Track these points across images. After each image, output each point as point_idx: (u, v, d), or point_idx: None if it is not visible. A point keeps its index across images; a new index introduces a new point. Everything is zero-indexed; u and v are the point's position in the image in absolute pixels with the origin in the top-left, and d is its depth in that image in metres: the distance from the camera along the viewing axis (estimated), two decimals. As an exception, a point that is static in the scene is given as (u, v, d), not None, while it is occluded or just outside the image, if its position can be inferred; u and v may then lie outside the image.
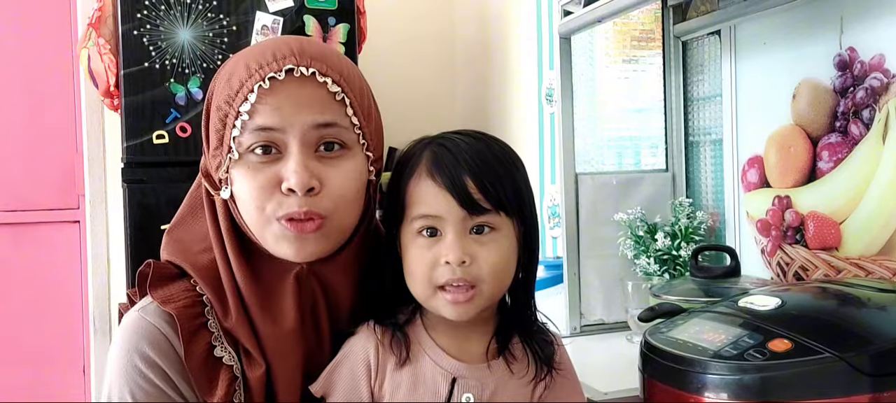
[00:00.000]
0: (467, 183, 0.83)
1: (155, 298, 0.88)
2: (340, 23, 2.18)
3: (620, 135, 1.80)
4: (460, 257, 0.82)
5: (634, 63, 1.77)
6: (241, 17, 2.08)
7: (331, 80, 0.85)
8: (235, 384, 0.87)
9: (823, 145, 1.36)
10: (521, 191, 0.87)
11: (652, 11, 1.72)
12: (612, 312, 1.63)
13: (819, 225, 1.37)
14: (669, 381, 0.84)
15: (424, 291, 0.85)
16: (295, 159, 0.83)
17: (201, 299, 0.89)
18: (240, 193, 0.86)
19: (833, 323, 0.85)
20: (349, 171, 0.87)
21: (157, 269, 0.91)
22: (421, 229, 0.85)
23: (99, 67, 2.06)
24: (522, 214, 0.87)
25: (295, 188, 0.82)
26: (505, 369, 0.88)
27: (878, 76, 1.25)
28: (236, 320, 0.88)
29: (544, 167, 2.28)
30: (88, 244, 2.68)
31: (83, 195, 2.69)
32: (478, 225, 0.84)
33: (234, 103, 0.84)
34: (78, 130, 2.72)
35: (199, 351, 0.86)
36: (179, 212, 0.96)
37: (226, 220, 0.89)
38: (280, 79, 0.83)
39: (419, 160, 0.86)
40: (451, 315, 0.84)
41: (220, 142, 0.86)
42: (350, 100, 0.86)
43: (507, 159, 0.88)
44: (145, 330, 0.87)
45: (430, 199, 0.84)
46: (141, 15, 2.01)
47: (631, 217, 1.60)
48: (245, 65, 0.85)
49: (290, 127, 0.83)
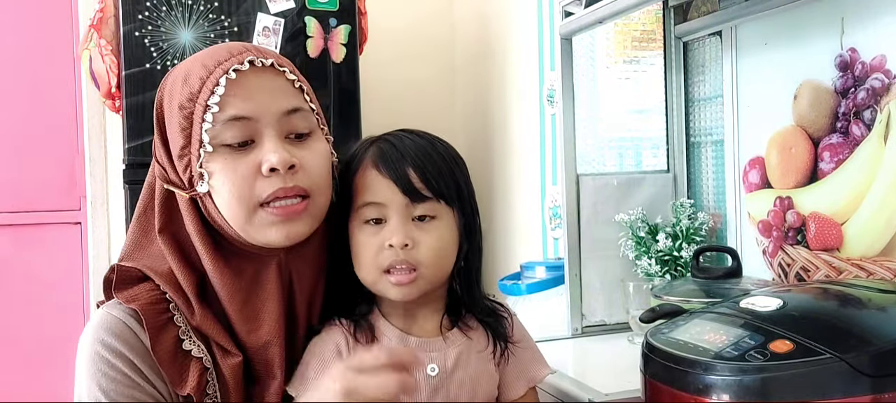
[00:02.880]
0: (410, 173, 0.91)
1: (120, 298, 0.90)
2: (341, 24, 2.18)
3: (621, 135, 1.80)
4: (403, 240, 0.89)
5: (635, 64, 1.77)
6: (242, 18, 2.09)
7: (287, 69, 0.91)
8: (207, 375, 0.89)
9: (824, 146, 1.36)
10: (460, 185, 0.95)
11: (653, 12, 1.72)
12: (613, 313, 1.63)
13: (820, 226, 1.37)
14: (671, 382, 0.84)
15: (371, 274, 0.92)
16: (272, 142, 0.87)
17: (165, 297, 0.91)
18: (218, 186, 0.87)
19: (834, 324, 0.85)
20: (319, 152, 0.92)
21: (121, 273, 0.92)
22: (367, 218, 0.92)
23: (100, 68, 2.06)
24: (462, 206, 0.95)
25: (277, 165, 0.86)
26: (463, 338, 0.96)
27: (879, 77, 1.25)
28: (202, 317, 0.89)
29: (545, 168, 2.28)
30: (89, 245, 2.68)
31: (84, 196, 2.69)
32: (420, 215, 0.91)
33: (200, 98, 0.86)
34: (79, 131, 2.72)
35: (167, 345, 0.88)
36: (129, 242, 0.96)
37: (196, 221, 0.90)
38: (244, 70, 0.87)
39: (365, 155, 0.94)
40: (395, 295, 0.92)
41: (188, 140, 0.87)
42: (306, 89, 0.93)
43: (448, 156, 0.96)
44: (109, 322, 0.88)
45: (375, 188, 0.91)
46: (142, 16, 2.01)
47: (632, 218, 1.60)
48: (201, 64, 0.88)
49: (264, 115, 0.87)
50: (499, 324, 0.99)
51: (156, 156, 0.93)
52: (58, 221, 2.75)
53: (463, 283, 0.98)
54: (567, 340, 1.59)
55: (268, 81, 0.89)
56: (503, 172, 2.51)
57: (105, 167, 2.67)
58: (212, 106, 0.85)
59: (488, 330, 0.98)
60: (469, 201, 0.97)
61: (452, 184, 0.93)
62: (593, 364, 1.49)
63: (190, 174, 0.88)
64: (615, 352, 1.50)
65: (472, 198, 0.97)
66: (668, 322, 0.97)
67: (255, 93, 0.87)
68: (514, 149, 2.46)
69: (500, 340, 0.98)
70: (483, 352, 0.97)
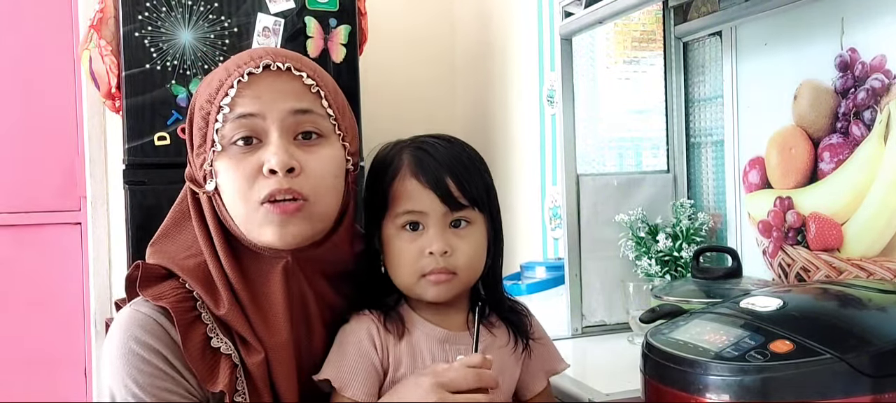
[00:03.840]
0: (448, 182, 0.93)
1: (147, 296, 0.90)
2: (341, 24, 2.18)
3: (621, 136, 1.80)
4: (443, 248, 0.93)
5: (635, 64, 1.77)
6: (242, 18, 2.09)
7: (305, 74, 0.92)
8: (236, 372, 0.90)
9: (824, 146, 1.36)
10: (490, 189, 0.99)
11: (653, 12, 1.72)
12: (613, 313, 1.63)
13: (820, 227, 1.37)
14: (671, 382, 0.84)
15: (409, 279, 0.95)
16: (274, 143, 0.88)
17: (191, 294, 0.92)
18: (224, 184, 0.90)
19: (834, 324, 0.85)
20: (327, 157, 0.92)
21: (145, 270, 0.93)
22: (404, 224, 0.95)
23: (100, 69, 2.06)
24: (491, 210, 0.99)
25: (276, 167, 0.87)
26: (486, 333, 0.99)
27: (879, 77, 1.25)
28: (230, 309, 0.90)
29: (545, 168, 2.28)
30: (90, 246, 2.68)
31: (84, 197, 2.69)
32: (455, 220, 0.95)
33: (216, 100, 0.90)
34: (79, 132, 2.72)
35: (197, 343, 0.89)
36: (162, 227, 0.99)
37: (213, 217, 0.93)
38: (258, 73, 0.89)
39: (401, 162, 0.96)
40: (432, 295, 0.95)
41: (204, 140, 0.91)
42: (324, 93, 0.93)
43: (477, 161, 0.99)
44: (140, 319, 0.89)
45: (415, 197, 0.93)
46: (142, 16, 2.01)
47: (632, 218, 1.60)
48: (224, 68, 0.92)
49: (270, 113, 0.89)
50: (520, 322, 1.02)
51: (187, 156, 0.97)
52: (58, 221, 2.75)
53: (488, 283, 1.02)
54: (567, 340, 1.59)
55: (281, 84, 0.90)
56: (503, 172, 2.51)
57: (105, 167, 2.67)
58: (223, 106, 0.89)
59: (510, 327, 1.01)
60: (496, 204, 1.01)
61: (484, 190, 0.97)
62: (593, 364, 1.49)
63: (203, 172, 0.92)
64: (615, 352, 1.50)
65: (497, 201, 1.01)
66: (668, 322, 0.97)
67: (264, 93, 0.89)
68: (514, 149, 2.46)
69: (521, 336, 1.01)
70: (505, 348, 0.99)
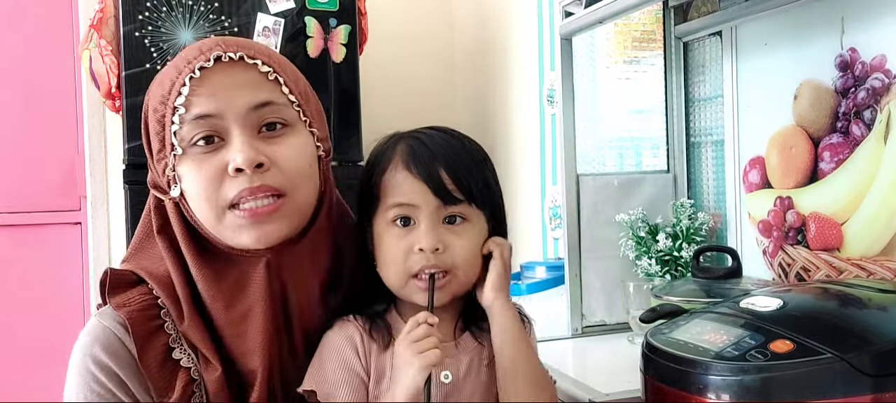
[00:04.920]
0: (442, 174, 0.87)
1: (112, 303, 0.89)
2: (341, 24, 2.18)
3: (621, 135, 1.79)
4: (433, 244, 0.86)
5: (635, 64, 1.77)
6: (242, 18, 2.09)
7: (260, 61, 0.86)
8: (194, 386, 0.87)
9: (825, 146, 1.36)
10: (490, 184, 0.92)
11: (653, 12, 1.72)
12: (613, 313, 1.63)
13: (820, 226, 1.37)
14: (671, 382, 0.84)
15: (398, 278, 0.89)
16: (238, 139, 0.83)
17: (157, 302, 0.89)
18: (188, 189, 0.85)
19: (834, 324, 0.85)
20: (296, 145, 0.87)
21: (114, 276, 0.91)
22: (395, 218, 0.88)
23: (100, 69, 2.06)
24: (492, 207, 0.92)
25: (242, 165, 0.82)
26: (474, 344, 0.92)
27: (879, 77, 1.25)
28: (189, 323, 0.87)
29: (545, 168, 2.28)
30: (90, 245, 2.68)
31: (84, 196, 2.69)
32: (450, 216, 0.88)
33: (169, 101, 0.84)
34: (79, 132, 2.73)
35: (156, 354, 0.86)
36: (133, 243, 0.95)
37: (180, 223, 0.88)
38: (209, 67, 0.84)
39: (394, 153, 0.90)
40: (423, 301, 0.88)
41: (163, 144, 0.86)
42: (283, 80, 0.87)
43: (478, 154, 0.93)
44: (100, 333, 0.87)
45: (405, 189, 0.87)
46: (142, 16, 2.01)
47: (632, 218, 1.60)
48: (173, 66, 0.86)
49: (228, 110, 0.84)
50: None
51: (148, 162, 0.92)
52: (58, 221, 2.75)
53: None
54: (567, 340, 1.58)
55: (236, 76, 0.85)
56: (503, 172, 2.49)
57: (105, 167, 2.67)
58: (178, 107, 0.83)
59: None
60: (498, 200, 0.94)
61: (483, 185, 0.90)
62: (593, 364, 1.49)
63: (166, 178, 0.87)
64: (615, 352, 1.49)
65: (500, 198, 0.94)
66: (668, 322, 0.96)
67: (219, 89, 0.84)
68: (514, 148, 2.46)
69: None
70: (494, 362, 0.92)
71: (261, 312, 0.87)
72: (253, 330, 0.87)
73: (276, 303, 0.89)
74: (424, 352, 0.81)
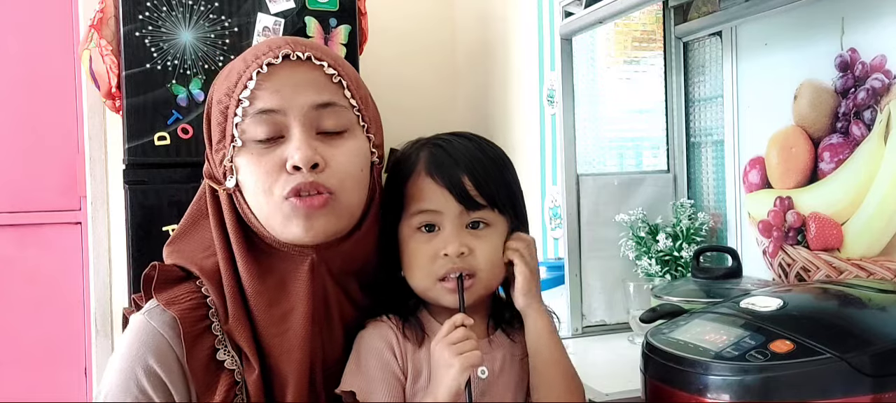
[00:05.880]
0: (464, 181, 0.89)
1: (159, 300, 0.89)
2: (342, 24, 2.18)
3: (622, 135, 1.80)
4: (458, 249, 0.89)
5: (635, 64, 1.77)
6: (242, 18, 2.09)
7: (326, 64, 0.88)
8: (236, 388, 0.87)
9: (825, 146, 1.36)
10: (512, 188, 0.95)
11: (653, 12, 1.72)
12: (613, 313, 1.63)
13: (820, 226, 1.37)
14: (671, 382, 0.84)
15: (424, 282, 0.91)
16: (297, 138, 0.85)
17: (205, 301, 0.89)
18: (246, 181, 0.87)
19: (834, 324, 0.85)
20: (352, 149, 0.89)
21: (162, 272, 0.91)
22: (420, 225, 0.91)
23: (100, 69, 2.06)
24: (514, 210, 0.94)
25: (300, 163, 0.84)
26: (506, 340, 0.95)
27: (879, 77, 1.25)
28: (234, 320, 0.88)
29: (545, 168, 2.28)
30: (90, 245, 2.68)
31: (85, 196, 2.69)
32: (473, 221, 0.91)
33: (234, 93, 0.86)
34: (79, 132, 2.73)
35: (202, 355, 0.86)
36: (180, 226, 0.96)
37: (231, 215, 0.90)
38: (277, 64, 0.85)
39: (418, 160, 0.92)
40: (451, 303, 0.90)
41: (223, 135, 0.88)
42: (346, 83, 0.89)
43: (498, 159, 0.95)
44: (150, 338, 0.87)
45: (429, 196, 0.90)
46: (143, 16, 2.01)
47: (632, 218, 1.60)
48: (242, 59, 0.88)
49: (291, 108, 0.85)
50: None
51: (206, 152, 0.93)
52: (58, 221, 2.75)
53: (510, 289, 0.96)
54: (567, 340, 1.58)
55: (301, 75, 0.87)
56: (503, 172, 2.51)
57: (105, 167, 2.67)
58: (243, 100, 0.85)
59: None
60: (520, 203, 0.96)
61: (504, 190, 0.93)
62: (593, 364, 1.49)
63: (223, 169, 0.88)
64: (615, 352, 1.50)
65: (521, 201, 0.97)
66: (668, 322, 0.97)
67: (284, 86, 0.86)
68: (514, 149, 2.46)
69: None
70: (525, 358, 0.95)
71: (302, 312, 0.88)
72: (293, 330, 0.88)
73: (318, 304, 0.90)
74: (465, 354, 0.84)
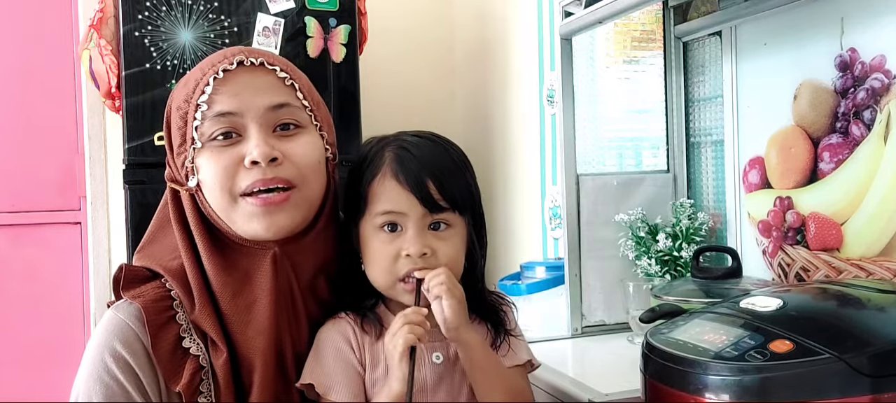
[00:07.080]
0: (429, 185, 0.92)
1: (126, 295, 0.94)
2: (341, 24, 2.18)
3: (621, 135, 1.79)
4: (421, 250, 0.92)
5: (635, 64, 1.77)
6: (242, 18, 2.09)
7: (279, 68, 0.95)
8: (202, 373, 0.92)
9: (824, 146, 1.36)
10: (471, 189, 0.98)
11: (653, 12, 1.72)
12: (613, 313, 1.63)
13: (820, 227, 1.37)
14: (670, 382, 0.84)
15: (385, 281, 0.95)
16: (255, 135, 0.91)
17: (170, 294, 0.94)
18: (205, 178, 0.92)
19: (834, 324, 0.85)
20: (307, 143, 0.95)
21: (129, 272, 0.96)
22: (383, 224, 0.94)
23: (100, 68, 2.06)
24: (473, 211, 0.98)
25: (258, 158, 0.90)
26: None
27: (879, 77, 1.25)
28: (200, 310, 0.92)
29: (545, 168, 2.28)
30: (89, 245, 2.68)
31: (84, 196, 2.69)
32: (435, 223, 0.94)
33: (192, 99, 0.92)
34: (79, 131, 2.72)
35: (167, 343, 0.91)
36: (148, 232, 1.02)
37: (195, 215, 0.95)
38: (232, 70, 0.92)
39: (382, 160, 0.95)
40: (410, 302, 0.93)
41: (184, 139, 0.93)
42: (299, 85, 0.96)
43: (461, 162, 0.99)
44: (116, 326, 0.92)
45: (394, 197, 0.93)
46: (142, 16, 2.01)
47: (632, 218, 1.60)
48: (199, 68, 0.95)
49: (248, 110, 0.92)
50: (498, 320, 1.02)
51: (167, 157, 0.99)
52: (58, 221, 2.75)
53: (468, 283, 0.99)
54: (567, 340, 1.59)
55: (256, 79, 0.93)
56: (503, 172, 2.51)
57: (105, 167, 2.67)
58: (201, 105, 0.91)
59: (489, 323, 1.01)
60: (478, 204, 0.99)
61: (466, 192, 0.96)
62: (593, 364, 1.49)
63: (185, 170, 0.93)
64: (615, 352, 1.50)
65: (479, 201, 1.00)
66: (668, 322, 0.97)
67: (241, 89, 0.92)
68: (514, 149, 2.46)
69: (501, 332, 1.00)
70: None
71: (266, 303, 0.93)
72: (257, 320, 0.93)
73: (281, 296, 0.95)
74: (408, 325, 0.87)
